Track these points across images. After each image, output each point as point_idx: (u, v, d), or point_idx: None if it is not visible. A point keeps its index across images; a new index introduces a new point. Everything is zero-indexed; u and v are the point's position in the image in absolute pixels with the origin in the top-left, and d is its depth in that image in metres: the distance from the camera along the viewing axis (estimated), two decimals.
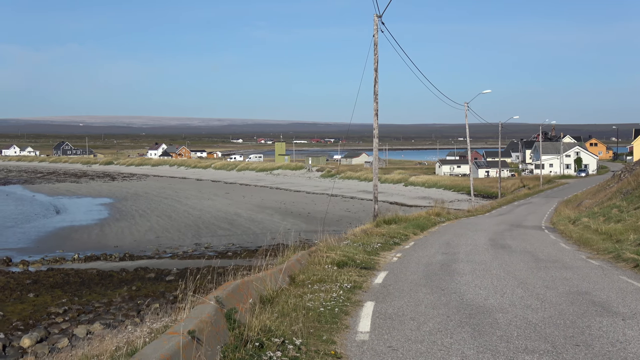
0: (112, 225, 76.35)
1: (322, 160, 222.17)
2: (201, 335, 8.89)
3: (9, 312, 35.33)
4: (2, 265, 50.83)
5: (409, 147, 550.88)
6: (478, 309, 13.99)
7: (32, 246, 61.81)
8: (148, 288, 40.72)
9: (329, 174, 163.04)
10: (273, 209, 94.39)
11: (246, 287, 13.06)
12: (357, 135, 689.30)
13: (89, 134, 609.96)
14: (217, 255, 54.23)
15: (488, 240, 30.28)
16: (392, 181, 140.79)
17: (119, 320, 31.85)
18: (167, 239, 65.38)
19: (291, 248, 20.56)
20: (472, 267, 20.55)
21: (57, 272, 46.82)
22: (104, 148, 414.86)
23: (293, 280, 16.65)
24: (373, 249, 24.36)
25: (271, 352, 9.73)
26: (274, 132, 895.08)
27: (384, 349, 10.89)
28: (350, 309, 14.12)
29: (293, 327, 11.46)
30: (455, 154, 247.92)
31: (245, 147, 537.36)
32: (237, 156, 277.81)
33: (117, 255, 54.97)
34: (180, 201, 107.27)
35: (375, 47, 37.86)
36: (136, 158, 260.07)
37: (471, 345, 11.02)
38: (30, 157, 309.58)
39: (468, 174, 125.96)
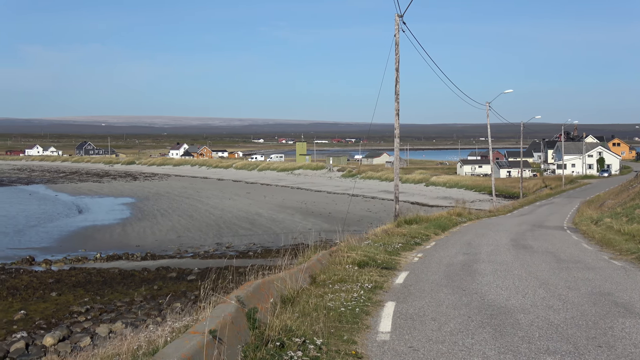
0: (134, 225, 76.67)
1: (343, 160, 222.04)
2: (222, 334, 8.91)
3: (32, 310, 35.58)
4: (26, 264, 51.19)
5: (430, 147, 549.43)
6: (499, 310, 13.93)
7: (54, 245, 62.19)
8: (169, 287, 40.86)
9: (350, 174, 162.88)
10: (294, 208, 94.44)
11: (267, 286, 13.08)
12: (378, 135, 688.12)
13: (111, 134, 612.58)
14: (238, 254, 54.33)
15: (510, 241, 30.15)
16: (413, 181, 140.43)
17: (141, 319, 31.97)
18: (189, 239, 65.57)
19: (312, 248, 20.55)
20: (494, 268, 20.47)
21: (79, 271, 47.09)
22: (126, 148, 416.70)
23: (314, 280, 16.65)
24: (394, 249, 24.32)
25: (292, 351, 9.74)
26: (295, 132, 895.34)
27: (404, 349, 10.87)
28: (371, 309, 14.10)
29: (314, 327, 11.46)
30: (476, 154, 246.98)
31: (267, 147, 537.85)
32: (258, 156, 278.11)
33: (139, 254, 55.20)
34: (202, 201, 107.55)
35: (397, 47, 37.79)
36: (158, 158, 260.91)
37: (492, 346, 10.98)
38: (53, 157, 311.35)
39: (489, 174, 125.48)
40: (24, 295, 39.06)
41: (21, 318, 33.90)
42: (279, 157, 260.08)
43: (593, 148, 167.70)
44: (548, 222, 47.94)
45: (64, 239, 66.75)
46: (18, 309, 35.82)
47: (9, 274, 46.35)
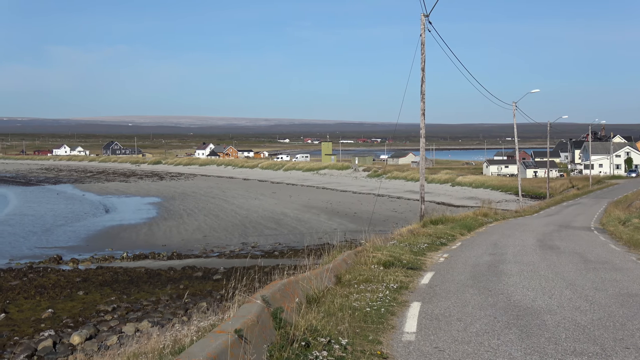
0: (160, 225, 77.02)
1: (368, 160, 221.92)
2: (248, 334, 8.93)
3: (59, 309, 35.85)
4: (53, 263, 51.59)
5: (456, 147, 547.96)
6: (526, 311, 13.86)
7: (82, 244, 62.61)
8: (195, 287, 41.00)
9: (376, 173, 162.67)
10: (319, 208, 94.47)
11: (292, 286, 13.09)
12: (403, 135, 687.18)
13: (138, 134, 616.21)
14: (264, 254, 54.43)
15: (536, 241, 29.98)
16: (439, 181, 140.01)
17: (167, 318, 32.12)
18: (215, 238, 65.76)
19: (337, 248, 20.56)
20: (520, 268, 20.37)
21: (106, 270, 47.37)
22: (152, 148, 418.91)
23: (339, 280, 16.65)
24: (419, 249, 24.26)
25: (317, 351, 9.74)
26: (321, 132, 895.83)
27: (430, 350, 10.85)
28: (396, 309, 14.08)
29: (339, 327, 11.46)
30: (503, 154, 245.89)
31: (292, 147, 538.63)
32: (283, 156, 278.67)
33: (165, 254, 55.45)
34: (228, 200, 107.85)
35: (422, 47, 37.71)
36: (184, 158, 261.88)
37: (518, 347, 10.93)
38: (80, 157, 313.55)
39: (516, 174, 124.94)
40: (52, 294, 39.36)
41: (49, 317, 34.17)
42: (305, 157, 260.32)
43: (621, 148, 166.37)
44: (575, 222, 47.62)
45: (91, 238, 67.19)
46: (46, 307, 36.12)
47: (37, 272, 46.74)
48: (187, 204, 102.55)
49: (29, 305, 36.98)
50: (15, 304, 37.08)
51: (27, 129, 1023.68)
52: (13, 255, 55.90)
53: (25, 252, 58.21)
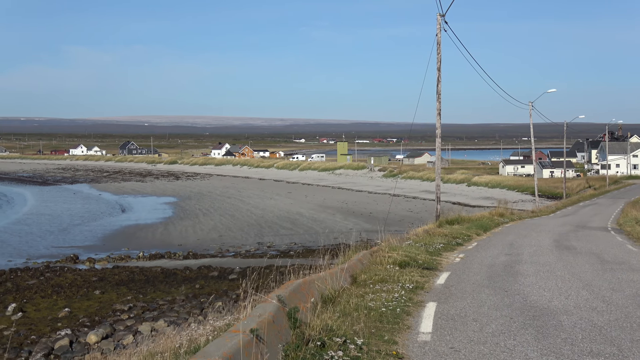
0: (176, 224, 77.21)
1: (384, 160, 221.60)
2: (263, 333, 8.94)
3: (75, 308, 36.02)
4: (70, 262, 51.82)
5: (472, 147, 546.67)
6: (542, 311, 13.81)
7: (98, 244, 62.86)
8: (211, 286, 41.10)
9: (391, 173, 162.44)
10: (335, 208, 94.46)
11: (308, 286, 13.09)
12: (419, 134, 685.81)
13: (154, 134, 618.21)
14: (279, 254, 54.47)
15: (552, 242, 29.85)
16: (454, 181, 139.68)
17: (183, 317, 32.20)
18: (230, 238, 65.86)
19: (353, 248, 20.54)
20: (536, 269, 20.29)
21: (122, 269, 47.54)
22: (168, 147, 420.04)
23: (355, 280, 16.65)
24: (435, 249, 24.21)
25: (333, 351, 9.74)
26: (336, 132, 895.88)
27: (446, 350, 10.83)
28: (412, 309, 14.06)
29: (354, 327, 11.46)
30: (519, 154, 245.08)
31: (308, 146, 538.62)
32: (299, 156, 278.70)
33: (181, 253, 55.59)
34: (243, 200, 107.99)
35: (438, 47, 37.64)
36: (200, 157, 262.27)
37: (535, 348, 10.89)
38: (96, 157, 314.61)
39: (532, 174, 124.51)
40: (68, 293, 39.55)
41: (65, 316, 34.34)
42: (320, 157, 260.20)
43: (638, 148, 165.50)
44: (592, 222, 47.39)
45: (107, 237, 67.44)
46: (62, 306, 36.31)
47: (53, 272, 46.97)
48: (203, 203, 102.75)
49: (46, 304, 37.18)
50: (33, 303, 37.28)
51: (44, 129, 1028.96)
52: (30, 255, 56.20)
53: (42, 251, 58.51)
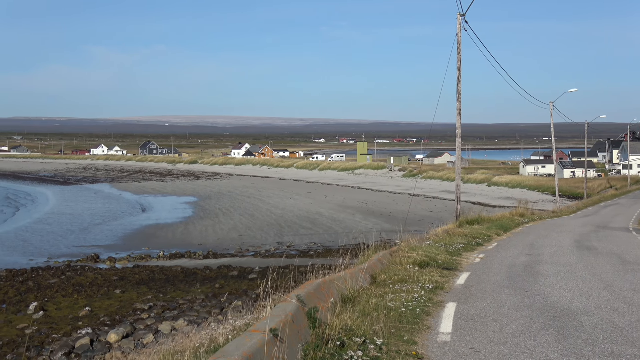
0: (197, 224, 77.42)
1: (404, 160, 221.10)
2: (283, 333, 8.95)
3: (96, 307, 36.20)
4: (91, 262, 52.09)
5: (493, 147, 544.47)
6: (562, 312, 13.75)
7: (119, 243, 63.15)
8: (231, 286, 41.18)
9: (411, 173, 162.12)
10: (355, 208, 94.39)
11: (327, 286, 13.10)
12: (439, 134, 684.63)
13: (174, 134, 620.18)
14: (299, 254, 54.49)
15: (573, 242, 29.69)
16: (475, 181, 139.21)
17: (203, 317, 32.30)
18: (250, 238, 65.97)
19: (372, 248, 20.53)
20: (557, 269, 20.19)
21: (143, 269, 47.73)
22: (188, 147, 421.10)
23: (374, 280, 16.64)
24: (455, 249, 24.15)
25: (352, 351, 9.74)
26: (356, 132, 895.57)
27: (466, 351, 10.80)
28: (432, 309, 14.05)
29: (374, 327, 11.46)
30: (539, 154, 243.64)
31: (328, 146, 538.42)
32: (319, 156, 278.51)
33: (201, 253, 55.74)
34: (263, 200, 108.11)
35: (459, 46, 37.54)
36: (220, 157, 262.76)
37: (555, 349, 10.84)
38: (117, 157, 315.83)
39: (553, 175, 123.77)
40: (89, 293, 39.75)
41: (86, 315, 34.51)
42: (340, 157, 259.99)
43: None
44: (613, 223, 47.09)
45: (128, 237, 67.74)
46: (83, 305, 36.50)
47: (74, 271, 47.23)
48: (223, 203, 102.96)
49: (67, 303, 37.39)
50: (54, 302, 37.51)
51: (66, 129, 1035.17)
52: (52, 254, 56.55)
53: (63, 250, 58.85)
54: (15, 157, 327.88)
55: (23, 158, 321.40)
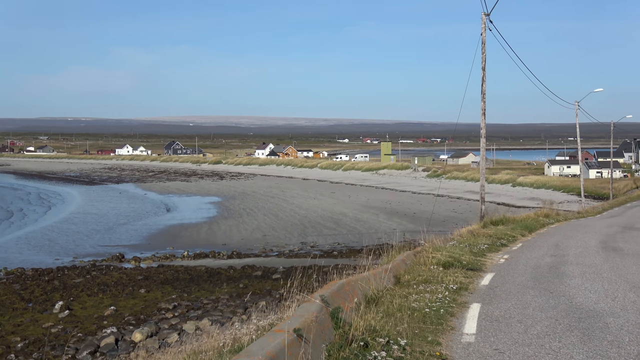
0: (221, 224, 77.62)
1: (428, 160, 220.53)
2: (306, 333, 8.96)
3: (121, 306, 36.40)
4: (116, 261, 52.38)
5: (517, 147, 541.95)
6: (588, 313, 13.66)
7: (143, 243, 63.46)
8: (255, 286, 41.25)
9: (435, 174, 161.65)
10: (378, 208, 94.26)
11: (351, 286, 13.09)
12: (464, 134, 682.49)
13: (199, 134, 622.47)
14: (323, 254, 54.49)
15: (599, 243, 29.47)
16: (499, 181, 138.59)
17: (227, 317, 32.40)
18: (274, 238, 66.05)
19: (396, 248, 20.48)
20: (582, 270, 20.05)
21: (167, 268, 47.94)
22: (213, 147, 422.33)
23: (398, 281, 16.61)
24: (479, 250, 24.06)
25: (376, 351, 9.74)
26: (380, 132, 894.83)
27: (490, 352, 10.76)
28: (456, 310, 14.00)
29: (398, 328, 11.44)
30: (565, 154, 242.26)
31: (351, 146, 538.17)
32: (343, 156, 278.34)
33: (225, 253, 55.88)
34: (287, 200, 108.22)
35: (483, 46, 37.40)
36: (244, 157, 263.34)
37: (580, 350, 10.77)
38: (142, 157, 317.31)
39: (578, 175, 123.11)
40: (114, 292, 39.98)
41: (111, 314, 34.71)
42: (364, 157, 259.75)
43: None
44: (639, 224, 46.70)
45: (152, 236, 68.05)
46: (108, 304, 36.72)
47: (100, 270, 47.54)
48: (247, 203, 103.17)
49: (92, 302, 37.64)
50: (79, 301, 37.77)
51: (91, 129, 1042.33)
52: (77, 253, 56.93)
53: (88, 250, 59.24)
54: (41, 157, 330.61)
55: (49, 158, 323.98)
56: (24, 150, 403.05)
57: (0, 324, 33.18)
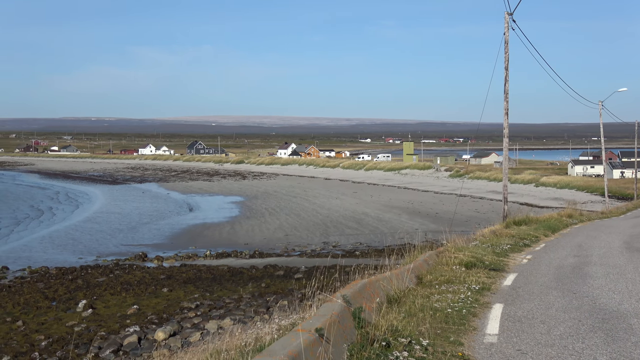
0: (243, 223, 77.76)
1: (450, 160, 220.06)
2: (328, 333, 8.96)
3: (144, 305, 36.55)
4: (138, 260, 52.61)
5: (540, 147, 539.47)
6: (611, 314, 13.58)
7: (166, 242, 63.69)
8: (277, 285, 41.27)
9: (458, 173, 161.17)
10: (400, 208, 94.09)
11: (373, 286, 13.09)
12: (486, 134, 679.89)
13: (221, 134, 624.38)
14: (345, 254, 54.41)
15: (623, 243, 29.27)
16: (522, 181, 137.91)
17: (249, 316, 32.43)
18: (296, 237, 66.07)
19: (418, 248, 20.46)
20: (606, 271, 19.93)
21: (189, 268, 48.08)
22: (235, 147, 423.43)
23: (420, 281, 16.60)
24: (502, 250, 23.98)
25: (398, 351, 9.73)
26: (402, 132, 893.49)
27: (512, 352, 10.73)
28: (478, 310, 13.97)
29: (420, 328, 11.43)
30: (588, 154, 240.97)
31: (373, 146, 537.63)
32: (365, 156, 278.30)
33: (247, 252, 55.96)
34: (309, 200, 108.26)
35: (506, 45, 37.27)
36: (266, 157, 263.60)
37: (604, 351, 10.71)
38: (165, 156, 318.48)
39: (602, 175, 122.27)
40: (137, 291, 40.15)
41: (134, 313, 34.87)
42: (386, 157, 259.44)
43: None
44: None
45: (175, 236, 68.28)
46: (131, 303, 36.88)
47: (122, 269, 47.77)
48: (269, 203, 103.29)
49: (115, 301, 37.82)
50: (102, 300, 37.96)
51: (114, 129, 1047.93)
52: (100, 252, 57.24)
53: (111, 249, 59.54)
54: (64, 157, 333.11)
55: (72, 157, 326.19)
56: (48, 150, 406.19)
57: (25, 323, 33.42)
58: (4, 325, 33.02)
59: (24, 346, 29.41)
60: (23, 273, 47.38)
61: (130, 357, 27.85)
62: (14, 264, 51.06)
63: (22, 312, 35.57)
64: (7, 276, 46.45)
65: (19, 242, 64.14)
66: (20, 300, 38.11)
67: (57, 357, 27.96)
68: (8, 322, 33.63)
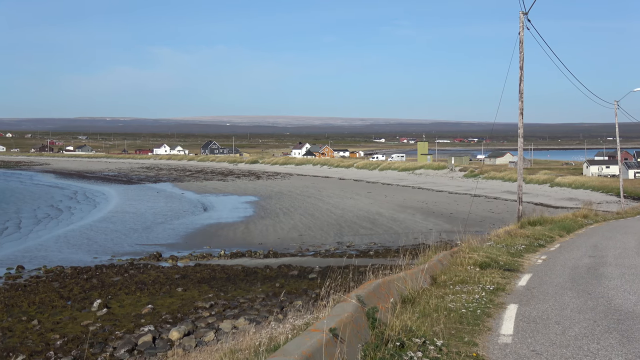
0: (257, 223, 77.81)
1: (465, 160, 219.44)
2: (342, 333, 8.96)
3: (158, 305, 36.64)
4: (153, 260, 52.73)
5: (555, 147, 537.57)
6: (627, 315, 13.52)
7: (180, 242, 63.80)
8: (291, 285, 41.29)
9: (472, 174, 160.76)
10: (415, 208, 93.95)
11: (387, 286, 13.08)
12: (501, 134, 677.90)
13: (236, 134, 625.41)
14: (359, 254, 54.36)
15: (638, 244, 29.16)
16: (537, 182, 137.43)
17: (263, 316, 32.45)
18: (310, 237, 66.07)
19: (432, 248, 20.46)
20: (621, 271, 19.85)
21: (204, 267, 48.15)
22: (249, 147, 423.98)
23: (434, 281, 16.57)
24: (517, 250, 23.92)
25: (412, 352, 9.72)
26: (417, 132, 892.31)
27: (527, 353, 10.69)
28: (492, 311, 13.94)
29: (434, 328, 11.41)
30: (603, 154, 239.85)
31: (388, 146, 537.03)
32: (379, 155, 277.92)
33: (261, 252, 55.99)
34: (323, 200, 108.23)
35: (521, 45, 37.17)
36: (280, 157, 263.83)
37: (619, 352, 10.67)
38: (179, 156, 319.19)
39: (617, 175, 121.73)
40: (152, 290, 40.25)
41: (149, 312, 34.96)
42: (400, 157, 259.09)
43: None
44: None
45: (189, 235, 68.40)
46: (146, 303, 36.99)
47: (137, 269, 47.91)
48: (283, 203, 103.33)
49: (130, 300, 37.93)
50: (117, 299, 38.08)
51: (129, 129, 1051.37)
52: (115, 252, 57.42)
53: (126, 248, 59.71)
54: (79, 157, 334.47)
55: (87, 157, 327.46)
56: (63, 150, 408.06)
57: (40, 322, 33.58)
58: (19, 324, 33.20)
59: (40, 345, 29.55)
60: (38, 272, 47.59)
61: (144, 356, 27.93)
62: (30, 264, 51.31)
63: (37, 311, 35.74)
64: (22, 275, 46.69)
65: (35, 241, 64.43)
66: (35, 299, 38.28)
67: (72, 356, 28.07)
68: (24, 321, 33.80)
